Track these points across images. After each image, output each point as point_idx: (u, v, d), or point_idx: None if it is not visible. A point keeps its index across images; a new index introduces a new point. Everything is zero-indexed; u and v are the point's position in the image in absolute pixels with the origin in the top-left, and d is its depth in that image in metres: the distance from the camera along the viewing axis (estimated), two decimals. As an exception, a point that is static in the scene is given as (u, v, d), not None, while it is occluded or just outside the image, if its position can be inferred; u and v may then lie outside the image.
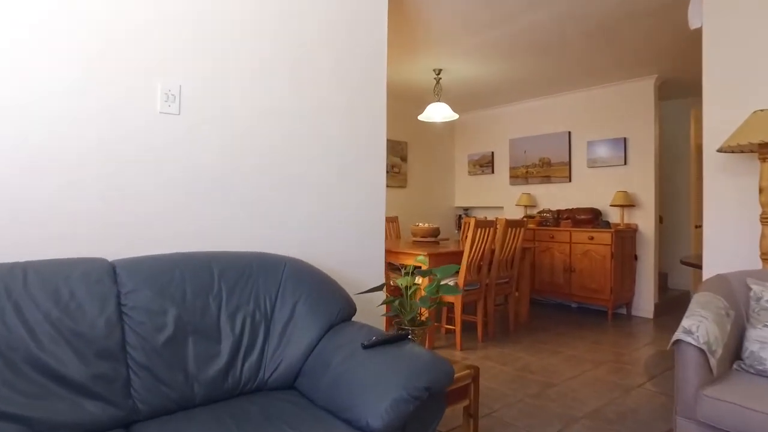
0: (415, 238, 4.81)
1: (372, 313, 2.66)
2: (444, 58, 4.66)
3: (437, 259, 3.97)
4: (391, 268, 4.61)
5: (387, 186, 6.46)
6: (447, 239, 4.92)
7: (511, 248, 4.31)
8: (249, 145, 2.23)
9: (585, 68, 4.90)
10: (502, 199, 6.64)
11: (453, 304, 4.00)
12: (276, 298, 2.04)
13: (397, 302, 2.17)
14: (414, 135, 6.83)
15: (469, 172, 7.11)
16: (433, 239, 4.76)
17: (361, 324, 2.04)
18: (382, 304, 2.53)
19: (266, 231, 2.28)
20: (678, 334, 1.89)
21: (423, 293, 2.21)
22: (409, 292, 2.22)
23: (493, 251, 4.19)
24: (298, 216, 2.38)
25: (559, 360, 3.68)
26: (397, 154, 6.60)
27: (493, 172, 6.79)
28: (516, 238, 4.35)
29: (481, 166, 6.93)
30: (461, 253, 3.99)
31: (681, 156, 6.05)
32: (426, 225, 4.88)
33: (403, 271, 2.43)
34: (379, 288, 2.24)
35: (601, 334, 4.48)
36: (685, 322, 1.92)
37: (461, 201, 7.27)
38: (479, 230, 3.94)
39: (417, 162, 6.87)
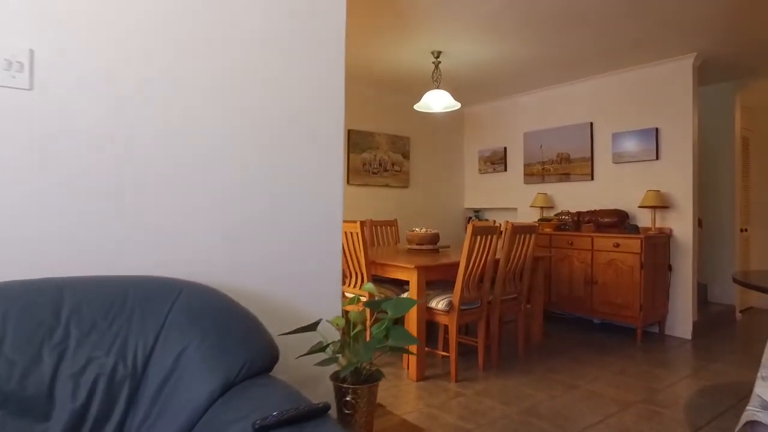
0: (410, 246, 4.17)
1: (314, 359, 2.01)
2: (442, 37, 4.01)
3: (429, 272, 3.32)
4: (377, 281, 3.98)
5: (386, 186, 5.83)
6: (448, 247, 4.28)
7: (520, 258, 3.64)
8: (146, 133, 1.62)
9: (609, 46, 4.18)
10: (516, 199, 5.94)
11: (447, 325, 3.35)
12: (155, 343, 1.44)
13: (329, 348, 1.54)
14: (417, 130, 6.18)
15: (479, 170, 6.43)
16: (431, 247, 4.11)
17: (276, 383, 1.42)
18: (308, 353, 1.64)
19: (171, 249, 1.68)
20: (752, 412, 1.22)
21: (370, 335, 1.58)
22: (352, 334, 1.60)
23: (497, 262, 3.52)
24: (220, 228, 1.77)
25: (576, 398, 2.99)
26: (398, 150, 5.96)
27: (505, 169, 6.09)
28: (526, 245, 3.67)
29: (492, 163, 6.24)
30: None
31: (723, 149, 5.26)
32: (423, 230, 4.23)
33: (354, 299, 1.81)
34: (311, 327, 1.61)
35: (629, 360, 3.76)
36: (762, 390, 1.25)
37: (471, 202, 6.59)
38: (478, 239, 3.28)
39: (421, 159, 6.22)
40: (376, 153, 5.76)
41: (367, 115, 5.74)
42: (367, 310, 1.60)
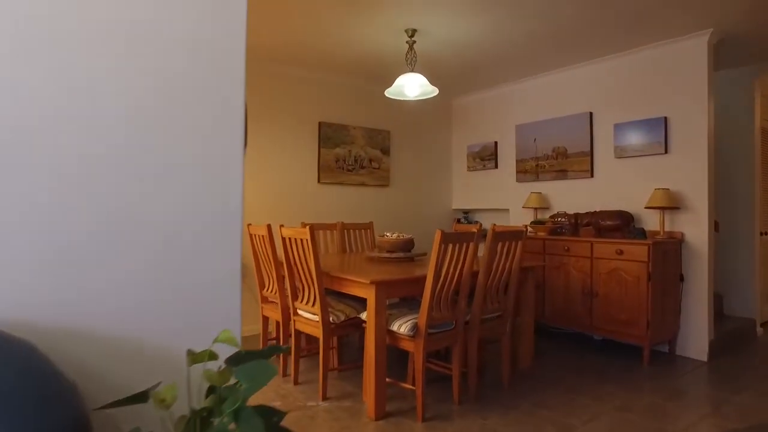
0: (380, 253, 3.59)
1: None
2: (417, 12, 3.42)
3: (391, 288, 2.74)
4: (338, 295, 3.40)
5: (363, 185, 5.24)
6: (425, 254, 3.69)
7: (504, 269, 3.05)
8: None
9: (610, 22, 3.59)
10: (508, 199, 5.35)
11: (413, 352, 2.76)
12: None
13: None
14: (398, 123, 5.59)
15: (468, 166, 5.83)
16: (403, 255, 3.53)
17: None
18: None
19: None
20: None
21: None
22: (196, 418, 1.01)
23: (476, 274, 2.94)
24: (39, 249, 1.17)
25: (569, 447, 2.40)
26: (376, 145, 5.37)
27: (496, 166, 5.50)
28: (511, 255, 3.07)
29: (482, 159, 5.64)
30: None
31: (741, 142, 4.66)
32: (395, 235, 3.64)
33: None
34: (138, 398, 1.02)
35: (634, 390, 3.16)
36: None
37: (460, 202, 5.99)
38: (450, 248, 2.69)
39: (403, 155, 5.63)
40: (351, 148, 5.18)
41: (340, 106, 5.16)
42: (214, 374, 1.03)
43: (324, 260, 3.59)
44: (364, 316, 3.00)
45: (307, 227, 2.88)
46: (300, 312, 3.20)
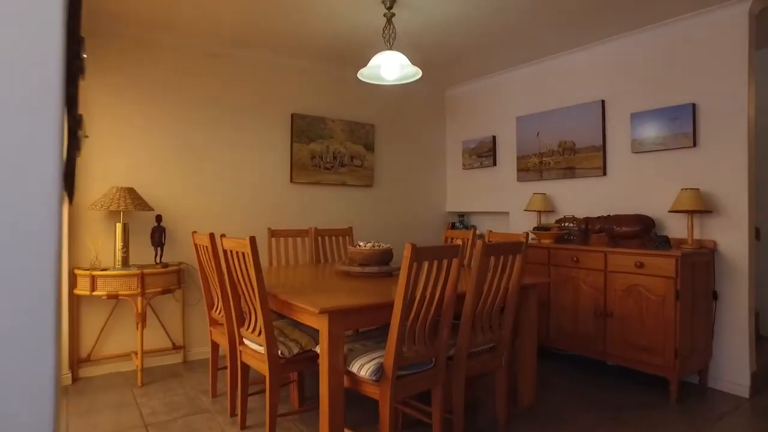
0: (351, 267, 2.97)
1: None
2: (390, -29, 2.81)
3: (349, 319, 2.11)
4: (291, 321, 2.78)
5: (343, 185, 4.63)
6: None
7: (498, 291, 2.42)
8: None
9: (628, -13, 2.96)
10: (508, 201, 4.72)
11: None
12: None
13: None
14: (384, 116, 4.98)
15: (464, 164, 5.21)
16: (378, 270, 2.91)
17: None
18: None
19: None
20: None
21: None
22: None
23: (461, 297, 2.31)
24: None
25: None
26: (359, 140, 4.76)
27: (495, 164, 4.87)
28: (507, 272, 2.45)
29: (479, 156, 5.02)
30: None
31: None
32: (369, 245, 3.03)
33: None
34: None
35: (663, 439, 2.53)
36: None
37: (455, 204, 5.37)
38: (426, 265, 2.06)
39: (389, 152, 5.01)
40: (329, 143, 4.57)
41: (315, 96, 4.55)
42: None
43: (282, 275, 2.97)
44: (321, 349, 2.38)
45: (247, 239, 2.26)
46: (246, 341, 2.59)
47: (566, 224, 3.96)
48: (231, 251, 2.46)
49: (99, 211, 3.50)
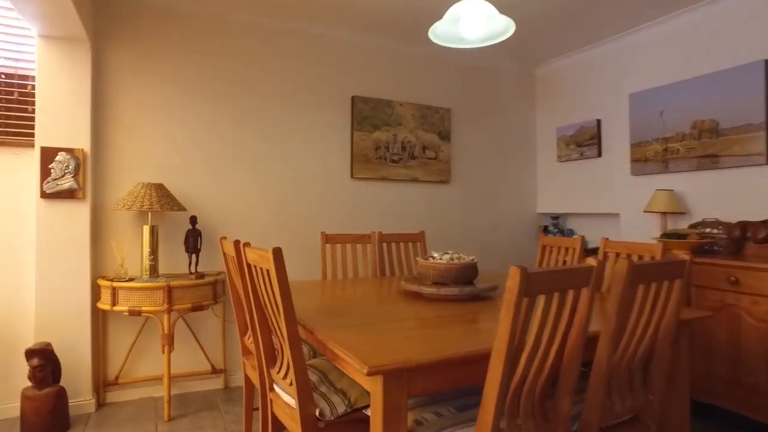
0: (420, 287, 2.22)
1: None
2: None
3: (415, 380, 1.36)
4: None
5: (414, 181, 3.90)
6: (495, 288, 2.28)
7: (645, 334, 1.57)
8: None
9: None
10: (618, 200, 3.77)
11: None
12: None
13: None
14: (462, 98, 4.18)
15: (558, 156, 4.30)
16: (460, 292, 2.14)
17: None
18: None
19: None
20: None
21: None
22: None
23: (588, 345, 1.49)
24: None
25: None
26: (433, 128, 4.00)
27: (599, 154, 3.94)
28: (660, 307, 1.59)
29: (578, 145, 4.10)
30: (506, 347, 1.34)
31: None
32: (444, 257, 2.27)
33: None
34: None
35: None
36: None
37: (547, 204, 4.47)
38: (540, 301, 1.27)
39: (469, 141, 4.21)
40: (396, 132, 3.85)
41: (380, 76, 3.85)
42: None
43: (330, 295, 2.28)
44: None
45: (270, 251, 1.57)
46: (276, 388, 1.91)
47: (709, 230, 2.99)
48: (255, 266, 1.79)
49: (124, 211, 3.00)
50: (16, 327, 2.88)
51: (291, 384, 1.67)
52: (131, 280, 2.82)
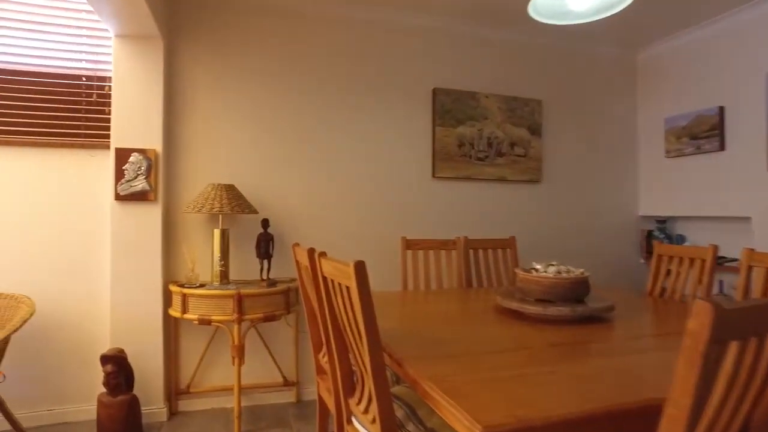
0: (522, 305, 1.88)
1: None
2: None
3: None
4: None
5: (502, 181, 3.53)
6: (611, 308, 1.89)
7: None
8: None
9: None
10: (748, 201, 3.21)
11: None
12: None
13: None
14: (554, 88, 3.76)
15: (667, 151, 3.77)
16: (569, 311, 1.78)
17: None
18: None
19: None
20: None
21: None
22: None
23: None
24: None
25: None
26: (522, 122, 3.61)
27: (722, 147, 3.38)
28: None
29: (693, 137, 3.55)
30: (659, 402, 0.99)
31: None
32: (550, 270, 1.92)
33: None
34: None
35: None
36: None
37: (651, 206, 3.94)
38: (731, 348, 0.90)
39: (562, 136, 3.78)
40: (482, 126, 3.50)
41: (463, 66, 3.51)
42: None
43: (413, 310, 1.99)
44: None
45: (351, 266, 1.29)
46: (355, 421, 1.64)
47: None
48: (332, 280, 1.53)
49: (194, 213, 2.87)
50: (93, 328, 2.83)
51: (374, 421, 1.39)
52: (202, 286, 2.68)
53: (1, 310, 2.59)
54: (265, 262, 2.85)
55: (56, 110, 2.82)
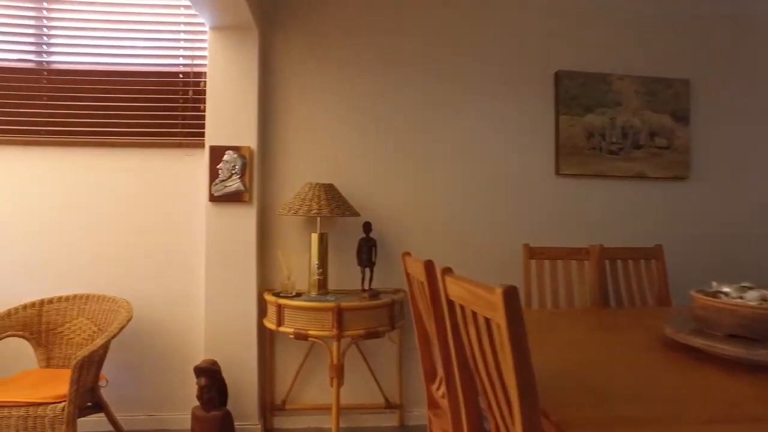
0: (709, 342, 1.39)
1: None
2: None
3: None
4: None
5: (640, 177, 2.98)
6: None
7: None
8: None
9: None
10: None
11: None
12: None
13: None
14: (706, 65, 3.11)
15: None
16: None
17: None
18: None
19: None
20: None
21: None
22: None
23: None
24: None
25: None
26: (664, 107, 3.02)
27: None
28: None
29: None
30: None
31: None
32: (747, 296, 1.41)
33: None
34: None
35: None
36: None
37: (837, 209, 3.15)
38: None
39: (716, 124, 3.12)
40: (615, 114, 2.96)
41: (591, 43, 2.99)
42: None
43: (547, 339, 1.56)
44: None
45: (500, 293, 0.91)
46: (490, 492, 1.26)
47: None
48: (461, 305, 1.17)
49: (290, 216, 2.64)
50: (187, 335, 2.71)
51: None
52: (298, 295, 2.43)
53: (103, 314, 2.53)
54: (367, 270, 2.55)
55: (155, 109, 2.73)
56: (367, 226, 2.57)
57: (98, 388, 2.28)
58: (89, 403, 2.23)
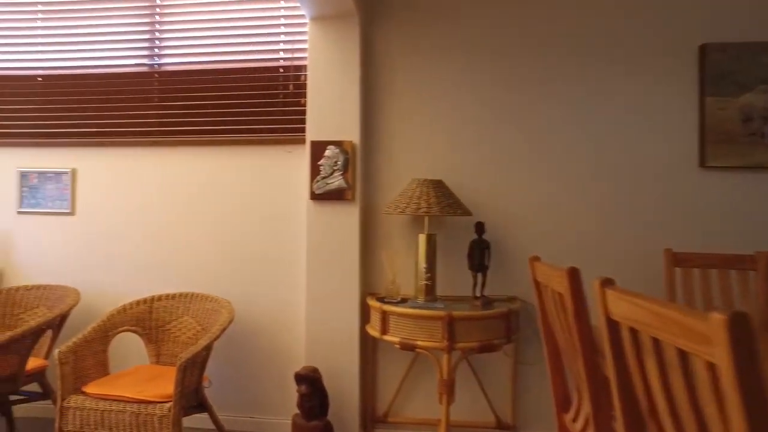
0: None
1: None
2: None
3: None
4: None
5: (712, 168, 2.44)
6: None
7: None
8: None
9: None
10: None
11: None
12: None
13: None
14: None
15: None
16: None
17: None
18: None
19: None
20: None
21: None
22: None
23: None
24: None
25: None
26: (749, 84, 2.46)
27: None
28: None
29: None
30: None
31: None
32: None
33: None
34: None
35: None
36: None
37: None
38: None
39: None
40: (778, 92, 2.45)
41: (746, 9, 2.49)
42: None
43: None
44: None
45: (721, 321, 0.64)
46: None
47: None
48: (631, 328, 0.89)
49: (396, 215, 2.46)
50: (288, 338, 2.64)
51: None
52: (404, 301, 2.24)
53: (206, 313, 2.52)
54: (479, 275, 2.30)
55: (256, 105, 2.69)
56: (479, 227, 2.32)
57: (202, 389, 2.25)
58: (194, 404, 2.21)
